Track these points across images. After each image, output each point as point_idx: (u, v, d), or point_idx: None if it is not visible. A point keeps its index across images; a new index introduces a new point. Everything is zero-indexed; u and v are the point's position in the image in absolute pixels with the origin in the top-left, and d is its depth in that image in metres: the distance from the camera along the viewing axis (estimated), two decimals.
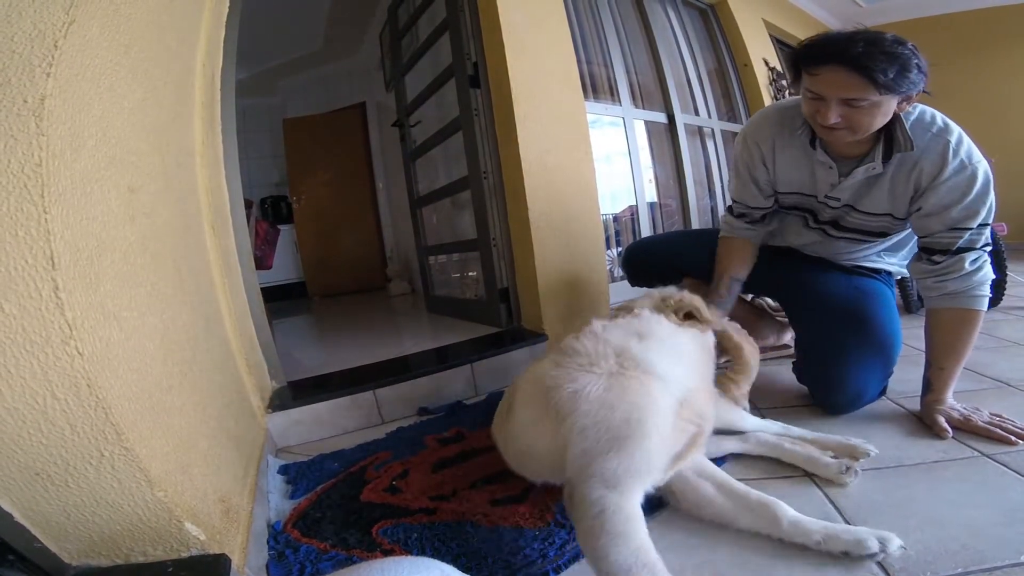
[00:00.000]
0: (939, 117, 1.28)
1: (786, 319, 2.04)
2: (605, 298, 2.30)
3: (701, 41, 3.58)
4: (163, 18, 1.06)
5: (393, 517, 1.09)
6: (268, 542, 1.04)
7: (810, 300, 1.49)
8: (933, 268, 1.26)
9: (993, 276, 1.26)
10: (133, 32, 0.88)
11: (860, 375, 1.32)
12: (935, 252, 1.26)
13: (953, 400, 1.26)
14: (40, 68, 0.62)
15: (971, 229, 1.22)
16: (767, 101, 3.56)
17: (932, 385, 1.28)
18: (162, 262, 0.92)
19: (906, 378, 1.45)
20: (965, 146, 1.22)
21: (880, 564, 0.80)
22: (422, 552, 0.96)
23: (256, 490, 1.10)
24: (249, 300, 1.57)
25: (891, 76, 1.08)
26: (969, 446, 1.13)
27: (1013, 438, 1.12)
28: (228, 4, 1.55)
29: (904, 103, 1.17)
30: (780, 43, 4.34)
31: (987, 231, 1.24)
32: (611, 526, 0.76)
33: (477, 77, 2.30)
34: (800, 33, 4.53)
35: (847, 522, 0.92)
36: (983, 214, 1.22)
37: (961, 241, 1.22)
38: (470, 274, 2.94)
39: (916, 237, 1.34)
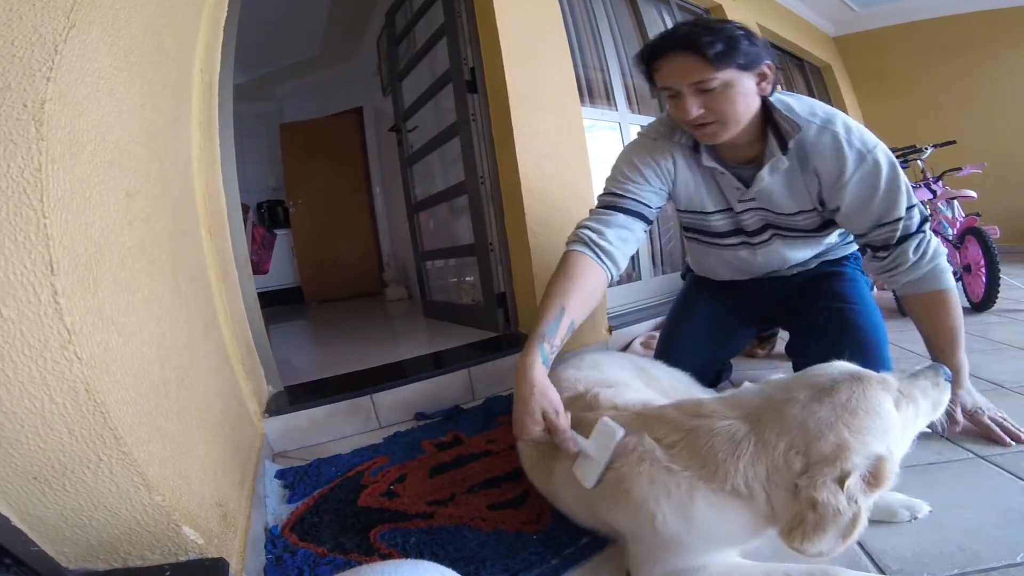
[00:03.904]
0: (818, 106, 1.25)
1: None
2: (602, 303, 2.31)
3: None
4: (162, 22, 1.06)
5: (391, 522, 1.09)
6: (266, 547, 1.04)
7: (799, 326, 1.50)
8: (882, 264, 1.25)
9: (944, 250, 1.24)
10: (132, 36, 0.88)
11: None
12: (877, 248, 1.25)
13: (972, 388, 1.22)
14: (40, 72, 0.62)
15: (900, 219, 1.19)
16: None
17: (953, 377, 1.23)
18: (160, 267, 0.92)
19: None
20: (856, 132, 1.20)
21: (877, 564, 0.81)
22: (420, 556, 0.96)
23: (253, 495, 1.10)
24: (246, 305, 1.57)
25: (720, 47, 1.09)
26: (964, 448, 1.13)
27: (1007, 439, 1.12)
28: (226, 9, 1.56)
29: (763, 83, 1.17)
30: (775, 47, 4.37)
31: (916, 211, 1.21)
32: None
33: (474, 82, 2.31)
34: (794, 37, 4.57)
35: None
36: (903, 199, 1.19)
37: (897, 233, 1.20)
38: (467, 279, 2.94)
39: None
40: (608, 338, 2.29)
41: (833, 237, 1.46)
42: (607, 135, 2.77)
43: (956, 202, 2.83)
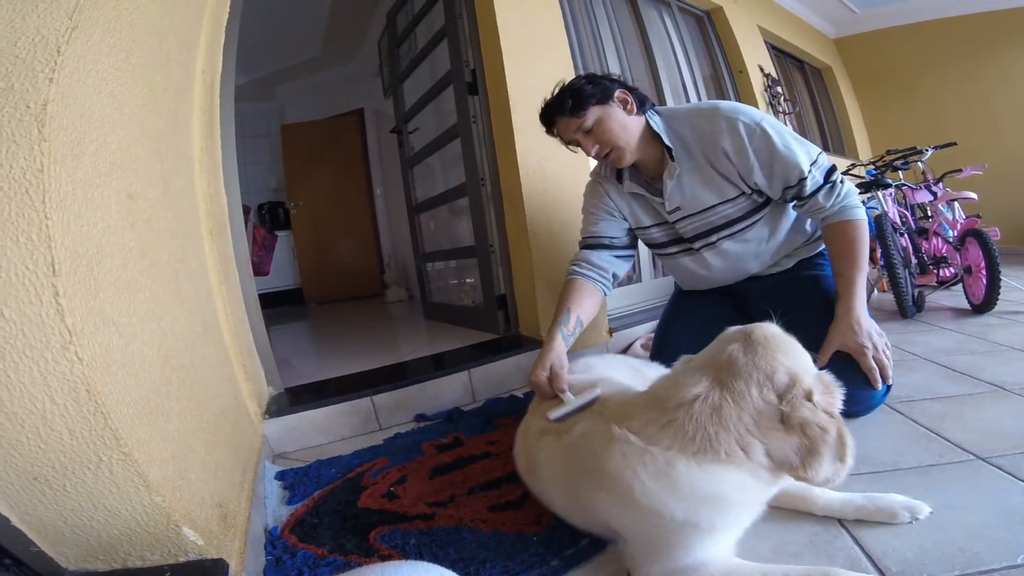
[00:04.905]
0: (702, 103, 1.48)
1: None
2: (602, 304, 2.31)
3: (697, 48, 3.61)
4: (164, 23, 1.07)
5: (391, 523, 1.09)
6: (265, 547, 1.04)
7: (790, 331, 1.49)
8: (802, 209, 1.44)
9: (856, 190, 1.41)
10: (134, 38, 0.88)
11: (865, 389, 1.33)
12: (794, 199, 1.42)
13: (867, 319, 1.31)
14: (43, 73, 0.62)
15: (805, 178, 1.34)
16: (762, 108, 3.59)
17: (838, 292, 1.36)
18: (161, 268, 0.92)
19: (900, 382, 1.46)
20: (742, 110, 1.38)
21: (877, 566, 0.81)
22: (420, 558, 0.96)
23: (253, 496, 1.10)
24: (247, 306, 1.57)
25: (571, 102, 1.39)
26: (965, 450, 1.13)
27: (880, 384, 1.26)
28: (228, 10, 1.56)
29: (627, 107, 1.40)
30: (775, 50, 4.38)
31: (820, 167, 1.36)
32: None
33: (475, 84, 2.32)
34: (795, 39, 4.57)
35: (844, 526, 0.92)
36: (802, 159, 1.33)
37: (807, 189, 1.35)
38: (467, 281, 2.94)
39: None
40: (609, 340, 2.29)
41: (787, 223, 1.52)
42: None
43: (957, 204, 2.84)
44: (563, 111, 1.41)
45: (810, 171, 1.34)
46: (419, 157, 3.12)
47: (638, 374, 1.25)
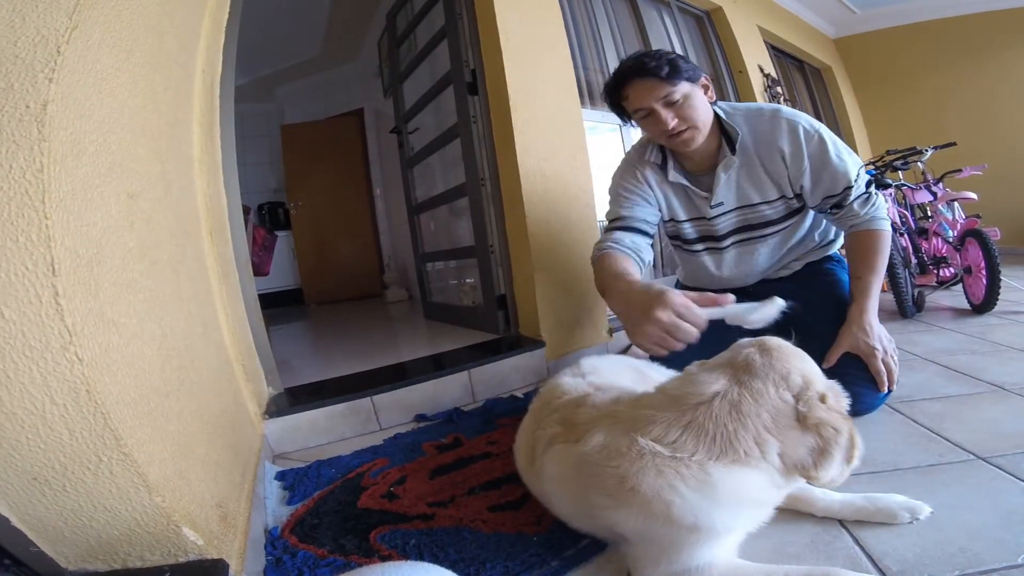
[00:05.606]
0: (763, 104, 1.51)
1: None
2: (602, 305, 2.31)
3: (697, 48, 3.61)
4: (164, 23, 1.07)
5: (391, 523, 1.09)
6: (265, 548, 1.04)
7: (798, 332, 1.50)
8: (835, 215, 1.47)
9: (886, 204, 1.47)
10: (134, 38, 0.88)
11: (869, 389, 1.34)
12: (832, 207, 1.45)
13: (878, 324, 1.37)
14: (43, 73, 0.62)
15: (851, 187, 1.39)
16: None
17: (854, 296, 1.41)
18: (161, 268, 0.92)
19: (901, 382, 1.45)
20: (801, 116, 1.43)
21: (877, 567, 0.81)
22: (420, 558, 0.96)
23: (253, 496, 1.10)
24: (247, 306, 1.57)
25: (667, 68, 1.35)
26: (965, 450, 1.13)
27: (886, 386, 1.32)
28: (228, 10, 1.56)
29: (708, 91, 1.43)
30: (775, 50, 4.38)
31: (863, 177, 1.42)
32: None
33: (475, 84, 2.31)
34: (795, 39, 4.57)
35: (845, 527, 0.92)
36: (851, 170, 1.39)
37: (850, 199, 1.41)
38: (467, 281, 2.94)
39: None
40: (609, 340, 2.29)
41: (803, 230, 1.56)
42: (608, 137, 2.78)
43: (956, 204, 2.84)
44: (656, 75, 1.35)
45: (856, 182, 1.39)
46: (419, 157, 3.12)
47: (641, 375, 1.25)
